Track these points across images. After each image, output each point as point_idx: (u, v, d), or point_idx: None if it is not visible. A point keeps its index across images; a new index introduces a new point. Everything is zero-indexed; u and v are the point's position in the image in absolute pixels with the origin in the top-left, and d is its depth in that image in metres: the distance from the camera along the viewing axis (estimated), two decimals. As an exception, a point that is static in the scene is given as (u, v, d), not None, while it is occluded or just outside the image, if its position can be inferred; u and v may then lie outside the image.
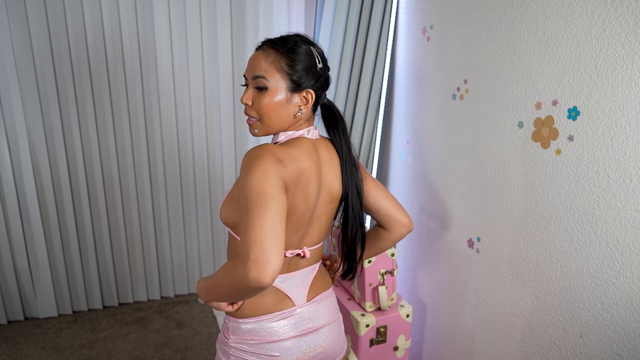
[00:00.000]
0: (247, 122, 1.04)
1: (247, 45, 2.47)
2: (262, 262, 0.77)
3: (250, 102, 1.00)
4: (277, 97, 0.98)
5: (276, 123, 1.01)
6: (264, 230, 0.80)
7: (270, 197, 0.84)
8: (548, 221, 1.34)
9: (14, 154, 2.22)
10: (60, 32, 2.14)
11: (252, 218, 0.81)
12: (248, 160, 0.90)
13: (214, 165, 2.61)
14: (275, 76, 0.98)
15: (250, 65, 1.01)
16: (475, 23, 1.59)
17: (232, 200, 1.02)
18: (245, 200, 0.84)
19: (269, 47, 1.01)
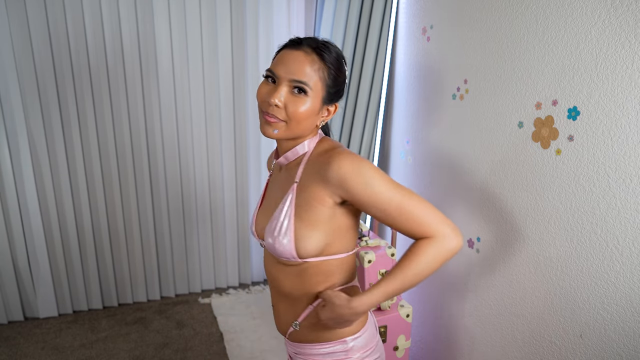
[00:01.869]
0: (265, 118, 0.95)
1: (247, 45, 2.47)
2: (456, 227, 0.91)
3: (282, 104, 0.93)
4: (313, 105, 0.94)
5: (301, 131, 0.97)
6: (431, 206, 0.91)
7: (404, 186, 0.92)
8: (548, 221, 1.34)
9: (14, 154, 2.22)
10: (60, 32, 2.14)
11: (416, 203, 0.89)
12: (357, 170, 0.88)
13: (214, 164, 2.61)
14: (318, 85, 0.93)
15: (290, 66, 0.92)
16: (475, 23, 1.59)
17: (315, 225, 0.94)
18: (393, 197, 0.89)
19: (313, 52, 0.94)
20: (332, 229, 0.95)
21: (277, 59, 0.97)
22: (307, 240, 0.94)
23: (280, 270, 1.02)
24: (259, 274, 2.94)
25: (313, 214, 0.94)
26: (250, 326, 2.44)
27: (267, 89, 0.95)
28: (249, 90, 2.56)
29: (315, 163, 0.96)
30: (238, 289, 2.84)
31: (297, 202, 0.95)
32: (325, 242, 0.95)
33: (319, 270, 0.99)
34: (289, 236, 0.93)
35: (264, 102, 0.95)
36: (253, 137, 2.66)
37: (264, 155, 2.72)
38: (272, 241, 0.96)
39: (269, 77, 0.96)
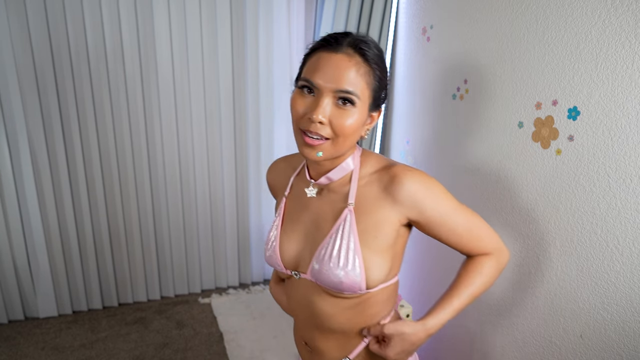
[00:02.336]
0: (306, 140, 0.80)
1: (247, 45, 2.47)
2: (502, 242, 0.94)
3: (327, 120, 0.79)
4: (361, 116, 0.81)
5: (348, 147, 0.84)
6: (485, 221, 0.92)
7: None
8: (548, 221, 1.34)
9: (14, 154, 2.21)
10: (60, 32, 2.14)
11: (479, 222, 0.90)
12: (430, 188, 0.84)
13: (214, 164, 2.61)
14: (365, 92, 0.80)
15: (332, 73, 0.78)
16: (475, 23, 1.59)
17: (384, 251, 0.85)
18: (461, 216, 0.87)
19: (356, 53, 0.80)
20: (395, 252, 0.88)
21: (312, 64, 0.81)
22: (378, 269, 0.84)
23: (329, 304, 0.89)
24: (259, 274, 2.94)
25: (381, 239, 0.84)
26: (250, 326, 2.44)
27: (305, 103, 0.81)
28: (248, 90, 2.56)
29: (374, 182, 0.86)
30: (238, 289, 2.84)
31: (360, 227, 0.84)
32: (391, 267, 0.88)
33: (378, 300, 0.90)
34: (358, 267, 0.82)
35: (302, 119, 0.81)
36: (253, 137, 2.66)
37: (264, 155, 2.72)
38: (340, 272, 0.83)
39: (304, 88, 0.81)
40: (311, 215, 0.92)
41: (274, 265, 0.95)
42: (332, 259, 0.83)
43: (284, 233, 0.95)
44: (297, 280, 0.93)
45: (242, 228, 2.79)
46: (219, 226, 2.72)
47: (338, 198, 0.89)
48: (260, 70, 2.54)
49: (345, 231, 0.85)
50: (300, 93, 0.82)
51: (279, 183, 1.03)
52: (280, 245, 0.94)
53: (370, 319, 0.91)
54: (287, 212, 0.97)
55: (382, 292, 0.90)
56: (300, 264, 0.92)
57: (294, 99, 0.83)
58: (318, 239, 0.89)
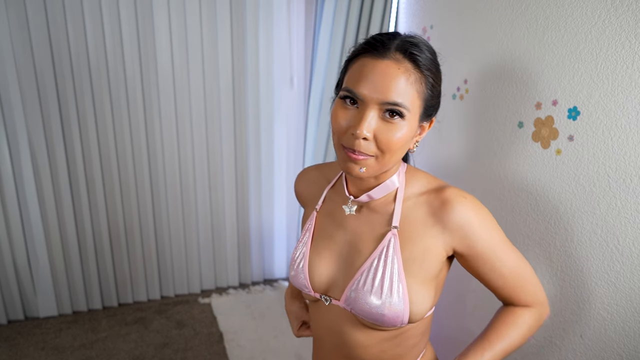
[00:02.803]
0: (349, 155, 0.72)
1: (247, 45, 2.47)
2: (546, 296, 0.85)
3: (372, 134, 0.70)
4: (410, 129, 0.72)
5: (395, 160, 0.75)
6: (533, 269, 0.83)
7: None
8: (548, 221, 1.34)
9: (14, 154, 2.21)
10: (60, 33, 2.14)
11: (528, 268, 0.81)
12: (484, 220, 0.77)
13: (214, 164, 2.61)
14: (415, 103, 0.72)
15: (378, 83, 0.69)
16: (475, 23, 1.59)
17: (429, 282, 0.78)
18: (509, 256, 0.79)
19: (406, 59, 0.71)
20: (437, 283, 0.80)
21: (355, 72, 0.72)
22: (423, 301, 0.76)
23: (363, 334, 0.81)
24: (259, 274, 2.94)
25: (426, 268, 0.76)
26: (250, 326, 2.44)
27: (347, 116, 0.72)
28: (248, 90, 2.56)
29: (422, 204, 0.78)
30: (238, 289, 2.84)
31: (405, 254, 0.76)
32: (434, 300, 0.81)
33: (416, 332, 0.84)
34: (402, 299, 0.74)
35: (345, 135, 0.72)
36: (253, 137, 2.66)
37: (264, 155, 2.72)
38: (380, 303, 0.74)
39: (347, 98, 0.72)
40: (347, 235, 0.83)
41: (300, 286, 0.85)
42: (374, 288, 0.75)
43: (314, 252, 0.85)
44: (327, 305, 0.84)
45: (242, 228, 2.79)
46: (219, 226, 2.72)
47: (380, 219, 0.80)
48: (260, 70, 2.54)
49: (388, 257, 0.76)
50: (342, 104, 0.73)
51: (309, 194, 0.94)
52: (309, 265, 0.84)
53: (407, 351, 0.85)
54: (317, 228, 0.88)
55: (420, 324, 0.84)
56: (332, 288, 0.83)
57: (335, 110, 0.74)
58: (355, 263, 0.80)
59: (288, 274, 0.93)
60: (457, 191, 0.77)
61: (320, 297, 0.84)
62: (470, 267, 0.80)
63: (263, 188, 2.78)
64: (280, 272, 3.01)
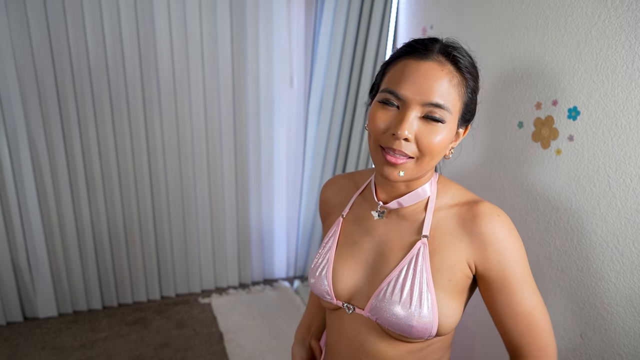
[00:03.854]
0: (387, 158, 0.71)
1: (247, 45, 2.47)
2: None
3: (413, 136, 0.70)
4: (450, 133, 0.72)
5: (433, 165, 0.74)
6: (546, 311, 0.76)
7: None
8: (548, 221, 1.34)
9: (14, 154, 2.22)
10: (60, 33, 2.14)
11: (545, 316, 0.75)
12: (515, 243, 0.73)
13: (214, 164, 2.61)
14: (457, 106, 0.72)
15: (422, 83, 0.69)
16: (475, 23, 1.59)
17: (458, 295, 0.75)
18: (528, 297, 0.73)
19: (448, 61, 0.71)
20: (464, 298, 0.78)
21: (396, 73, 0.72)
22: (452, 314, 0.74)
23: (388, 346, 0.78)
24: (259, 274, 2.94)
25: (455, 282, 0.74)
26: (250, 326, 2.44)
27: (387, 116, 0.71)
28: (249, 90, 2.56)
29: (453, 216, 0.76)
30: (238, 289, 2.84)
31: (435, 264, 0.74)
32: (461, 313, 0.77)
33: (442, 345, 0.81)
34: (432, 311, 0.71)
35: (384, 135, 0.71)
36: (253, 137, 2.66)
37: (264, 156, 2.72)
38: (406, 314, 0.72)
39: (386, 101, 0.72)
40: (374, 243, 0.81)
41: (321, 294, 0.82)
42: (403, 298, 0.72)
43: (338, 258, 0.83)
44: (348, 314, 0.81)
45: (242, 228, 2.79)
46: (219, 226, 2.72)
47: (409, 227, 0.78)
48: (260, 70, 2.54)
49: (417, 266, 0.73)
50: (381, 106, 0.72)
51: (337, 201, 0.92)
52: (333, 272, 0.82)
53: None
54: (343, 234, 0.85)
55: (446, 338, 0.81)
56: (356, 296, 0.80)
57: (374, 112, 0.73)
58: (382, 271, 0.77)
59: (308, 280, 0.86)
60: (492, 207, 0.74)
61: (342, 306, 0.81)
62: (486, 295, 0.76)
63: (263, 188, 2.78)
64: (280, 272, 3.01)
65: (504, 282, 0.73)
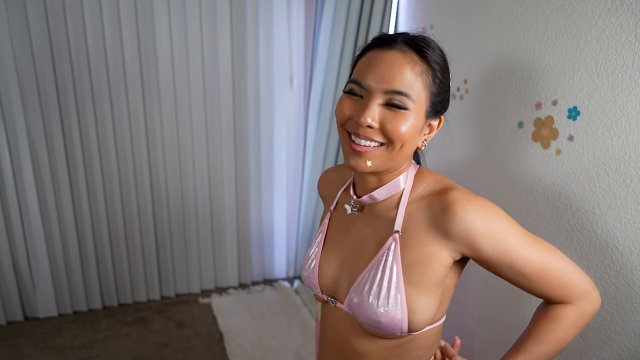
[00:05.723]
0: (353, 147, 0.72)
1: (247, 45, 2.47)
2: (593, 283, 0.75)
3: (377, 123, 0.70)
4: (416, 121, 0.71)
5: (405, 154, 0.73)
6: (570, 260, 0.74)
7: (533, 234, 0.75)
8: (548, 221, 1.34)
9: (14, 154, 2.22)
10: (60, 32, 2.14)
11: (559, 261, 0.73)
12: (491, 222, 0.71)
13: (214, 164, 2.61)
14: (421, 95, 0.71)
15: (385, 71, 0.70)
16: (476, 23, 1.59)
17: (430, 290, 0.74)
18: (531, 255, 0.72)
19: (412, 50, 0.71)
20: (443, 291, 0.76)
21: (362, 64, 0.73)
22: (423, 310, 0.73)
23: (366, 341, 0.79)
24: (259, 274, 2.94)
25: (428, 276, 0.73)
26: (250, 326, 2.44)
27: (352, 105, 0.72)
28: (249, 90, 2.56)
29: (424, 208, 0.74)
30: (238, 289, 2.84)
31: (405, 260, 0.73)
32: (438, 308, 0.76)
33: (422, 343, 0.80)
34: (400, 307, 0.72)
35: (350, 121, 0.72)
36: (253, 137, 2.66)
37: (264, 155, 2.72)
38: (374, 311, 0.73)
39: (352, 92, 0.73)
40: (352, 238, 0.82)
41: (311, 287, 0.86)
42: (372, 293, 0.73)
43: (324, 253, 0.85)
44: (333, 307, 0.84)
45: (242, 228, 2.79)
46: (219, 226, 2.72)
47: (383, 223, 0.78)
48: (260, 70, 2.54)
49: (388, 263, 0.74)
50: (347, 96, 0.73)
51: (328, 195, 0.94)
52: (319, 266, 0.85)
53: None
54: (330, 229, 0.87)
55: (427, 334, 0.79)
56: (338, 291, 0.82)
57: (340, 102, 0.73)
58: (358, 267, 0.79)
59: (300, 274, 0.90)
60: (461, 194, 0.72)
61: (327, 299, 0.84)
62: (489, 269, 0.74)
63: (263, 188, 2.78)
64: (280, 272, 3.01)
65: (498, 259, 0.71)
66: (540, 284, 0.73)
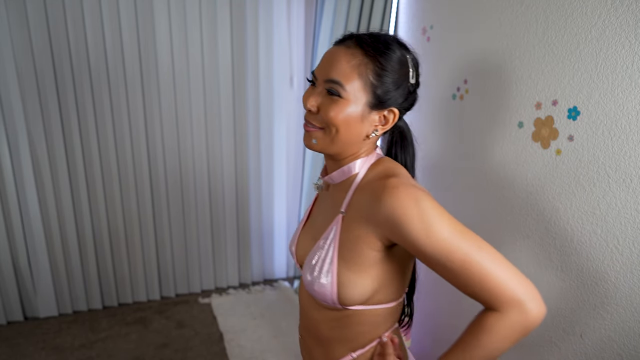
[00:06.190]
0: (304, 126, 0.82)
1: (247, 45, 2.47)
2: (536, 291, 0.68)
3: (316, 108, 0.79)
4: (349, 109, 0.76)
5: (345, 139, 0.79)
6: (506, 262, 0.69)
7: (468, 229, 0.71)
8: (548, 221, 1.34)
9: (14, 154, 2.22)
10: (60, 33, 2.14)
11: (487, 257, 0.68)
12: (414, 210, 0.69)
13: (214, 164, 2.62)
14: (355, 85, 0.76)
15: (326, 63, 0.78)
16: (475, 23, 1.59)
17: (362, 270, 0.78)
18: (457, 246, 0.68)
19: (355, 46, 0.78)
20: (381, 274, 0.79)
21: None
22: (352, 287, 0.77)
23: (318, 311, 0.87)
24: (259, 274, 2.94)
25: (359, 257, 0.77)
26: (250, 326, 2.44)
27: (306, 94, 0.82)
28: (249, 90, 2.56)
29: (365, 192, 0.79)
30: (238, 289, 2.84)
31: (342, 238, 0.79)
32: (373, 289, 0.79)
33: (363, 320, 0.83)
34: (330, 279, 0.78)
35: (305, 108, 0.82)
36: (253, 137, 2.66)
37: (264, 155, 2.72)
38: (311, 279, 0.80)
39: (311, 81, 0.83)
40: (321, 216, 0.90)
41: (292, 256, 0.96)
42: (315, 266, 0.81)
43: (304, 229, 0.95)
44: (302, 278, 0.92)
45: (242, 228, 2.79)
46: (219, 226, 2.72)
47: (336, 203, 0.85)
48: (260, 70, 2.54)
49: (329, 240, 0.81)
50: (310, 86, 0.84)
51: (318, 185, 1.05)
52: (298, 239, 0.95)
53: (355, 336, 0.85)
54: (314, 208, 0.97)
55: (370, 314, 0.83)
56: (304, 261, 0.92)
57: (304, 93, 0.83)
58: (315, 240, 0.88)
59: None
60: (395, 181, 0.73)
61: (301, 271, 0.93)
62: (422, 261, 0.73)
63: (263, 188, 2.78)
64: (280, 272, 3.01)
65: (426, 247, 0.69)
66: (463, 280, 0.69)
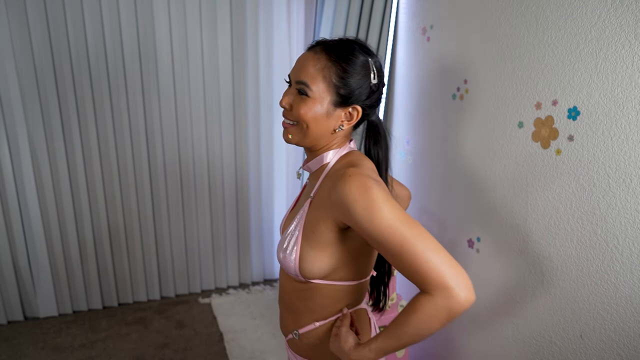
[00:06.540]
0: (282, 124, 0.95)
1: (247, 46, 2.47)
2: (466, 279, 0.73)
3: (289, 106, 0.91)
4: (316, 107, 0.88)
5: (314, 133, 0.91)
6: (442, 250, 0.74)
7: (412, 218, 0.78)
8: (548, 221, 1.34)
9: (14, 154, 2.22)
10: (60, 33, 2.14)
11: (420, 243, 0.74)
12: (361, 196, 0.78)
13: (214, 164, 2.61)
14: (320, 86, 0.88)
15: (297, 67, 0.91)
16: (475, 23, 1.59)
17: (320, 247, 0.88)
18: (396, 231, 0.75)
19: (321, 51, 0.89)
20: (339, 253, 0.89)
21: None
22: (311, 262, 0.89)
23: (288, 281, 0.99)
24: (259, 274, 2.94)
25: (318, 236, 0.88)
26: (250, 326, 2.44)
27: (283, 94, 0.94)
28: (248, 90, 2.56)
29: (329, 179, 0.90)
30: (238, 289, 2.84)
31: (307, 219, 0.90)
32: (332, 266, 0.90)
33: (325, 293, 0.94)
34: (294, 254, 0.90)
35: None
36: (253, 137, 2.66)
37: (264, 155, 2.72)
38: (283, 255, 0.92)
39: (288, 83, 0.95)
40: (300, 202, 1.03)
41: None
42: (284, 242, 0.92)
43: (290, 213, 1.06)
44: None
45: (242, 228, 2.79)
46: (219, 226, 2.72)
47: (310, 189, 0.98)
48: (260, 70, 2.54)
49: (296, 220, 0.92)
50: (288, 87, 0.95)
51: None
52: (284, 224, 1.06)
53: (318, 308, 0.96)
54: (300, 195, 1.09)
55: (330, 289, 0.94)
56: None
57: None
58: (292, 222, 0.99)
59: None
60: (353, 171, 0.82)
61: None
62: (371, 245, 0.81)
63: (263, 188, 2.78)
64: (280, 272, 3.01)
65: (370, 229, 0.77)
66: (401, 263, 0.75)
